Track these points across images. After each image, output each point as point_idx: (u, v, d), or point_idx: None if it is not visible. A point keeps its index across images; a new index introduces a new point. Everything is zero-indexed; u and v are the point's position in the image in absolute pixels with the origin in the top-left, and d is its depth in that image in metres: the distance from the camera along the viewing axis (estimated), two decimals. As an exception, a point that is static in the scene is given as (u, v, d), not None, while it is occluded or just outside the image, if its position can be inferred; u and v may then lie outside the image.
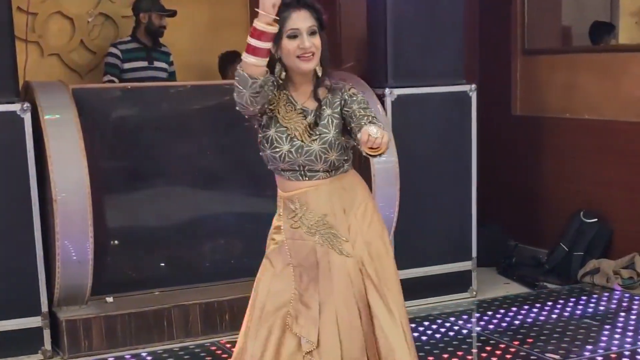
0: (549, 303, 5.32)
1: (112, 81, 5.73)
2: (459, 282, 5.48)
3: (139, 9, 5.89)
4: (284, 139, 2.85)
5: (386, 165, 5.04)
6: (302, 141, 2.83)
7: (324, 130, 2.83)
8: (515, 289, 5.74)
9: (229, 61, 6.01)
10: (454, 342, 4.63)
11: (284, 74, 2.87)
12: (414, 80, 5.24)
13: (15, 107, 4.38)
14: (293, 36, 2.78)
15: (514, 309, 5.22)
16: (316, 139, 2.82)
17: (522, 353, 4.42)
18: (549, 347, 4.50)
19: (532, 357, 4.36)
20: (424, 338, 4.71)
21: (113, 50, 5.88)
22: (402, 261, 5.19)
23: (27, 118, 4.40)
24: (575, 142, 6.12)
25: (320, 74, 2.86)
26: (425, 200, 5.30)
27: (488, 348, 4.55)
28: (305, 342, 2.86)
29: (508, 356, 4.38)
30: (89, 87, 5.35)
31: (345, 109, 2.83)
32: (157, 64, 5.95)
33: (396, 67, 5.20)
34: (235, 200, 5.30)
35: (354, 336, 2.86)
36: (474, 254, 5.52)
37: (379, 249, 2.93)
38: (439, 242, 5.39)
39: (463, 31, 5.43)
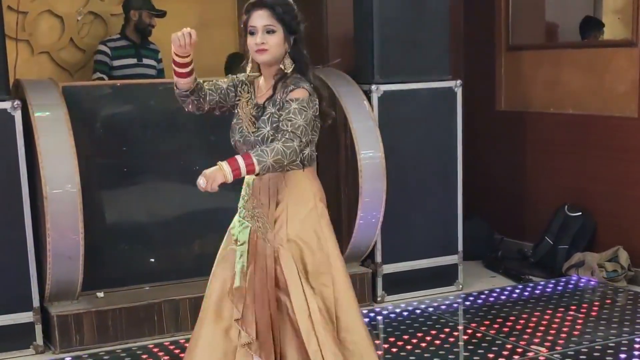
0: (535, 296, 5.34)
1: (102, 78, 5.71)
2: (446, 275, 5.50)
3: (129, 6, 5.87)
4: (237, 129, 3.12)
5: (372, 161, 5.05)
6: (248, 132, 3.07)
7: (262, 125, 3.04)
8: (501, 282, 5.77)
9: (235, 62, 6.00)
10: (441, 335, 4.64)
11: (249, 67, 3.10)
12: (400, 76, 5.25)
13: (5, 104, 4.37)
14: (251, 33, 3.03)
15: (500, 301, 5.24)
16: (255, 132, 3.05)
17: (508, 345, 4.44)
18: (535, 340, 4.52)
19: (518, 350, 4.38)
20: (410, 331, 4.72)
21: (102, 47, 5.86)
22: (389, 255, 5.29)
23: (18, 115, 4.39)
24: (560, 136, 6.14)
25: (287, 70, 3.04)
26: (411, 194, 5.31)
27: (475, 341, 4.57)
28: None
29: (494, 348, 4.40)
30: (79, 84, 5.32)
31: (280, 112, 3.01)
32: (145, 61, 5.94)
33: (382, 64, 5.20)
34: (223, 196, 5.27)
35: (264, 315, 3.03)
36: (460, 247, 5.54)
37: (310, 243, 3.07)
38: (425, 236, 5.41)
39: (448, 28, 5.44)
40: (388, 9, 5.17)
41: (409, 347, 4.46)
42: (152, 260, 5.06)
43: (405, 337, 4.62)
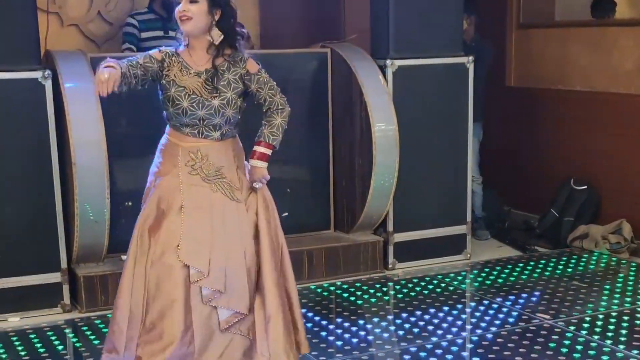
0: (540, 266, 5.31)
1: (130, 49, 5.67)
2: (454, 244, 5.47)
3: None
4: (183, 96, 3.18)
5: (386, 133, 5.01)
6: (200, 96, 3.18)
7: (223, 90, 3.20)
8: (508, 252, 5.74)
9: None
10: (449, 302, 4.63)
11: (187, 39, 3.24)
12: (414, 52, 5.19)
13: (37, 74, 4.35)
14: (178, 3, 3.18)
15: (507, 270, 5.22)
16: (216, 96, 3.19)
17: (513, 312, 4.42)
18: (540, 308, 4.50)
19: (523, 317, 4.36)
20: (420, 297, 4.71)
21: (131, 20, 5.81)
22: (400, 224, 5.27)
23: (48, 85, 4.37)
24: (567, 112, 6.07)
25: (214, 41, 3.19)
26: (423, 166, 5.27)
27: (481, 307, 4.55)
28: (195, 271, 3.13)
29: (500, 315, 4.38)
30: (107, 55, 5.25)
31: (246, 82, 3.25)
32: (172, 33, 5.87)
33: (397, 40, 5.14)
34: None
35: (237, 269, 3.21)
36: (469, 218, 5.50)
37: (266, 201, 3.34)
38: (435, 206, 5.37)
39: (462, 6, 5.37)
40: (404, -14, 5.11)
41: (418, 312, 4.45)
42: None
43: (415, 302, 4.61)
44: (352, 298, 4.71)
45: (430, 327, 4.22)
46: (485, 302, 4.63)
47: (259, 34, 6.58)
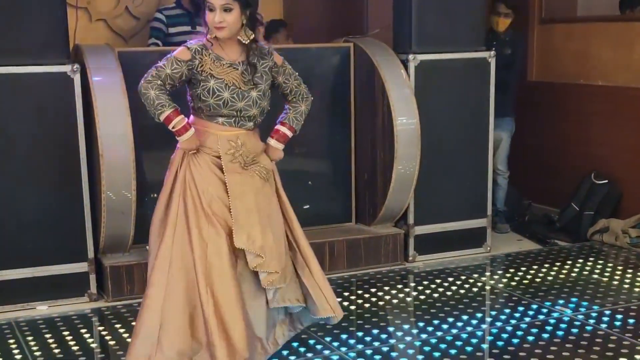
0: (560, 259, 5.26)
1: (156, 44, 5.67)
2: (475, 238, 5.43)
3: None
4: (223, 87, 3.25)
5: (408, 127, 4.98)
6: (239, 88, 3.27)
7: (259, 81, 3.32)
8: (528, 245, 5.68)
9: (272, 30, 5.95)
10: (469, 294, 4.60)
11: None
12: (436, 46, 5.14)
13: (65, 68, 4.36)
14: (210, 9, 3.22)
15: (526, 264, 5.18)
16: (253, 88, 3.30)
17: (533, 306, 4.38)
18: (559, 301, 4.45)
19: (543, 310, 4.32)
20: (440, 289, 4.68)
21: (158, 15, 5.80)
22: (421, 217, 5.24)
23: (77, 78, 4.38)
24: (589, 107, 6.00)
25: (244, 41, 3.27)
26: (444, 160, 5.24)
27: (501, 300, 4.52)
28: (252, 256, 3.26)
29: (520, 308, 4.34)
30: (134, 50, 5.30)
31: (274, 74, 3.40)
32: (200, 28, 5.87)
33: (420, 34, 5.10)
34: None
35: (282, 239, 3.44)
36: (489, 211, 5.46)
37: (278, 181, 3.55)
38: (456, 200, 5.34)
39: (484, 0, 5.32)
40: (426, -18, 5.07)
41: (438, 304, 4.43)
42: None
43: (435, 295, 4.59)
44: (373, 290, 4.69)
45: (450, 319, 4.19)
46: (505, 294, 4.60)
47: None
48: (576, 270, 5.03)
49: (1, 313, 4.34)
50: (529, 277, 4.90)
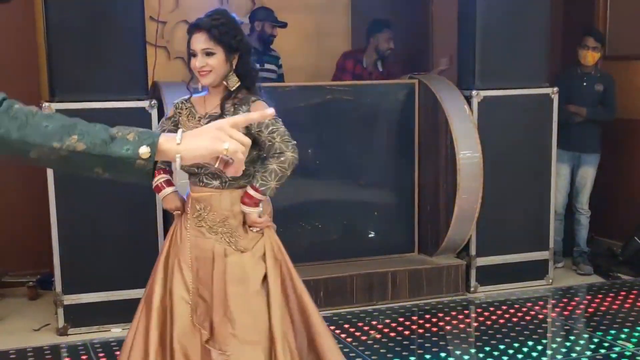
0: (622, 293, 5.07)
1: (227, 81, 5.73)
2: (536, 270, 5.28)
3: (255, 17, 5.85)
4: None
5: (471, 161, 4.90)
6: None
7: None
8: (590, 278, 5.49)
9: (376, 29, 5.83)
10: (530, 326, 4.46)
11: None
12: (499, 82, 5.07)
13: (144, 103, 4.45)
14: (193, 55, 2.87)
15: (588, 297, 5.01)
16: None
17: (595, 339, 4.23)
18: (622, 335, 4.28)
19: (604, 344, 4.16)
20: (501, 321, 4.56)
21: (229, 54, 5.88)
22: (483, 249, 5.13)
23: (154, 113, 4.46)
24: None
25: (231, 87, 2.87)
26: (506, 193, 5.13)
27: (562, 333, 4.38)
28: (203, 332, 2.84)
29: (581, 341, 4.20)
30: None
31: (253, 129, 2.84)
32: (267, 66, 5.93)
33: (483, 71, 5.04)
34: (333, 189, 5.26)
35: (257, 318, 2.82)
36: (552, 244, 5.31)
37: (273, 248, 2.94)
38: (518, 232, 5.21)
39: (547, 38, 5.22)
40: (490, 20, 5.00)
41: (499, 335, 4.31)
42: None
43: (496, 326, 4.47)
44: (434, 319, 4.60)
45: (511, 351, 4.06)
46: (567, 327, 4.45)
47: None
48: (639, 304, 4.83)
49: (77, 334, 4.41)
50: (590, 310, 4.74)
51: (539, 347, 4.12)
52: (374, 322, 4.54)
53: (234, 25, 2.91)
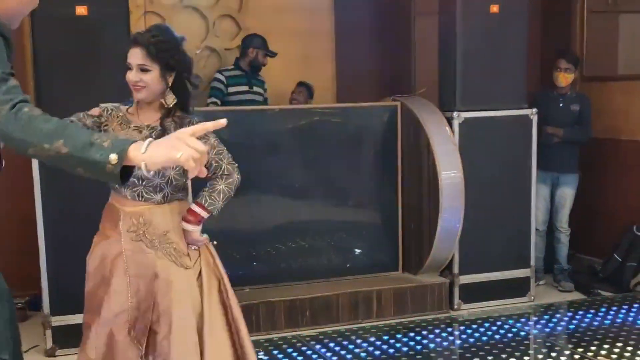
0: (603, 309, 5.06)
1: (215, 103, 5.71)
2: (518, 287, 5.27)
3: (250, 44, 5.82)
4: None
5: (452, 181, 4.90)
6: None
7: None
8: (571, 295, 5.48)
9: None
10: (512, 344, 4.43)
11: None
12: (480, 104, 5.08)
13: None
14: (129, 68, 2.79)
15: (569, 314, 4.99)
16: None
17: (576, 356, 4.20)
18: (602, 352, 4.26)
19: (585, 359, 4.15)
20: (484, 338, 4.53)
21: (219, 76, 5.86)
22: (466, 267, 5.12)
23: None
24: (631, 161, 5.83)
25: (168, 104, 2.79)
26: (488, 213, 5.12)
27: (544, 350, 4.35)
28: (141, 352, 2.71)
29: (563, 358, 4.17)
30: (197, 110, 5.34)
31: None
32: (255, 89, 5.94)
33: (464, 94, 5.05)
34: (318, 209, 5.24)
35: (188, 339, 2.71)
36: (532, 262, 5.30)
37: (209, 263, 2.85)
38: (500, 250, 5.20)
39: (526, 60, 5.25)
40: (470, 45, 5.03)
41: (482, 352, 4.28)
42: (255, 264, 5.04)
43: (479, 343, 4.44)
44: (419, 337, 4.57)
45: (493, 368, 4.04)
46: (548, 344, 4.43)
47: (337, 88, 6.58)
48: (619, 320, 4.82)
49: (65, 355, 4.32)
50: (572, 326, 4.72)
51: (521, 364, 4.10)
52: (359, 341, 4.50)
53: (174, 43, 2.82)
